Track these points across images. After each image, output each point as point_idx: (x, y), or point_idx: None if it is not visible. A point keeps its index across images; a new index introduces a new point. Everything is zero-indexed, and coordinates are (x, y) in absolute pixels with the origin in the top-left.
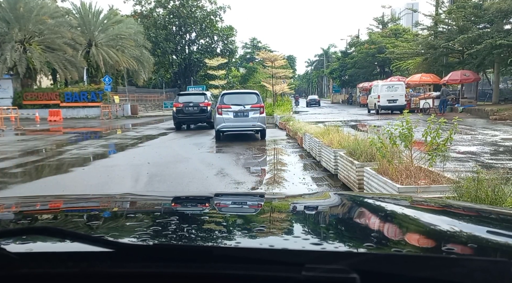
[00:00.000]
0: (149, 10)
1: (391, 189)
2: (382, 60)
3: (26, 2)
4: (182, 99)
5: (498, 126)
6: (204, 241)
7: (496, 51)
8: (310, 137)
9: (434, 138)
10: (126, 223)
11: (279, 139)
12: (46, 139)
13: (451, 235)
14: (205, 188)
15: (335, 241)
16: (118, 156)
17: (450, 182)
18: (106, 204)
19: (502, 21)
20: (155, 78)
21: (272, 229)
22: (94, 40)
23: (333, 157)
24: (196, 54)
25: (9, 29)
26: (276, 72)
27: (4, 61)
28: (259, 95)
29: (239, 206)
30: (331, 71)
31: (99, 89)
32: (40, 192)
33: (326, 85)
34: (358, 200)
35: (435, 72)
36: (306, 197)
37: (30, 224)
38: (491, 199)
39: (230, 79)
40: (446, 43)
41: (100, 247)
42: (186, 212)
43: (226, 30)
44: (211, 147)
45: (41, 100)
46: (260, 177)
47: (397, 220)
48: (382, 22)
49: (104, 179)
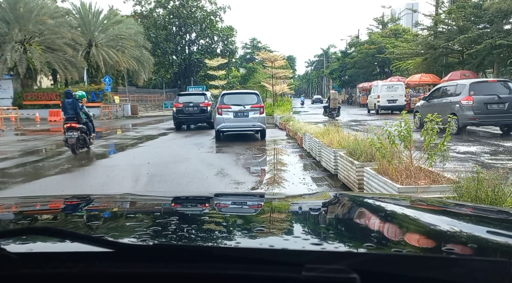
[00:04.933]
0: (149, 11)
1: (391, 189)
2: (382, 61)
3: (26, 2)
4: (182, 100)
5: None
6: (204, 241)
7: (495, 52)
8: (310, 138)
9: (431, 136)
10: (126, 223)
11: (279, 140)
12: (46, 140)
13: (451, 235)
14: (205, 188)
15: (335, 241)
16: (118, 156)
17: (450, 182)
18: (106, 204)
19: (502, 21)
20: (155, 79)
21: (272, 229)
22: (94, 41)
23: (333, 157)
24: (196, 54)
25: (9, 29)
26: (276, 73)
27: (4, 61)
28: (259, 95)
29: (239, 206)
30: (331, 72)
31: (99, 89)
32: (40, 192)
33: (326, 85)
34: (358, 200)
35: (435, 73)
36: (306, 197)
37: (30, 224)
38: (491, 199)
39: (230, 79)
40: (446, 43)
41: (100, 247)
42: (186, 212)
43: (226, 31)
44: (211, 147)
45: (41, 100)
46: (260, 177)
47: (397, 220)
48: (382, 22)
49: (104, 179)
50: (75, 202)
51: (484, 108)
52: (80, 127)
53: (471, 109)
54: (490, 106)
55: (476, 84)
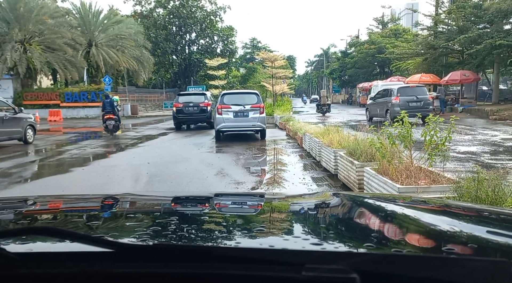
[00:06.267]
0: (149, 10)
1: (391, 189)
2: (382, 61)
3: (26, 2)
4: (182, 99)
5: (498, 127)
6: (204, 241)
7: (495, 52)
8: (310, 138)
9: (432, 137)
10: (126, 223)
11: (279, 139)
12: (46, 139)
13: (451, 235)
14: (205, 188)
15: (335, 241)
16: (118, 156)
17: (450, 182)
18: (106, 204)
19: (502, 21)
20: (155, 78)
21: (272, 229)
22: (94, 40)
23: (333, 157)
24: (196, 54)
25: (9, 29)
26: (276, 72)
27: (4, 61)
28: (259, 95)
29: (239, 206)
30: (331, 72)
31: (99, 89)
32: (40, 192)
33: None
34: (358, 200)
35: (435, 72)
36: (306, 197)
37: (30, 224)
38: (491, 199)
39: (230, 79)
40: (446, 43)
41: (100, 247)
42: (186, 212)
43: (226, 31)
44: (211, 147)
45: (41, 100)
46: (260, 177)
47: (397, 220)
48: (382, 22)
49: (104, 179)
50: (75, 202)
51: (407, 105)
52: (115, 118)
53: (398, 106)
54: (411, 103)
55: (402, 88)
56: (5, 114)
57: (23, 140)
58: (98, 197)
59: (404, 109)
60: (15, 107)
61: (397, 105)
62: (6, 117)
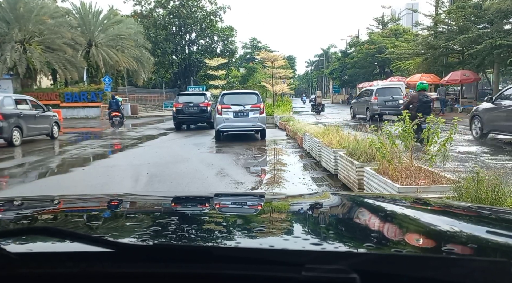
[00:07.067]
0: (149, 10)
1: (391, 189)
2: (382, 60)
3: (26, 2)
4: (182, 100)
5: None
6: (204, 241)
7: (496, 52)
8: (310, 138)
9: (434, 138)
10: (126, 223)
11: (279, 140)
12: (46, 139)
13: (451, 235)
14: (205, 188)
15: (335, 241)
16: (118, 156)
17: (450, 182)
18: (106, 204)
19: (502, 21)
20: (155, 79)
21: (272, 229)
22: (94, 40)
23: (333, 157)
24: (196, 54)
25: (9, 29)
26: (276, 73)
27: (4, 61)
28: (259, 95)
29: (239, 206)
30: (331, 72)
31: (99, 89)
32: (40, 192)
33: (326, 85)
34: (358, 200)
35: (435, 72)
36: (306, 197)
37: (30, 224)
38: (491, 199)
39: (230, 79)
40: (446, 43)
41: (100, 247)
42: (186, 212)
43: (226, 31)
44: (211, 147)
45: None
46: (260, 177)
47: (397, 220)
48: (382, 22)
49: (104, 179)
50: (75, 202)
51: (384, 104)
52: (120, 115)
53: (376, 104)
54: (387, 103)
55: (381, 89)
56: (37, 112)
57: (50, 135)
58: (98, 197)
59: (381, 107)
60: (44, 106)
61: (376, 104)
62: (38, 115)
